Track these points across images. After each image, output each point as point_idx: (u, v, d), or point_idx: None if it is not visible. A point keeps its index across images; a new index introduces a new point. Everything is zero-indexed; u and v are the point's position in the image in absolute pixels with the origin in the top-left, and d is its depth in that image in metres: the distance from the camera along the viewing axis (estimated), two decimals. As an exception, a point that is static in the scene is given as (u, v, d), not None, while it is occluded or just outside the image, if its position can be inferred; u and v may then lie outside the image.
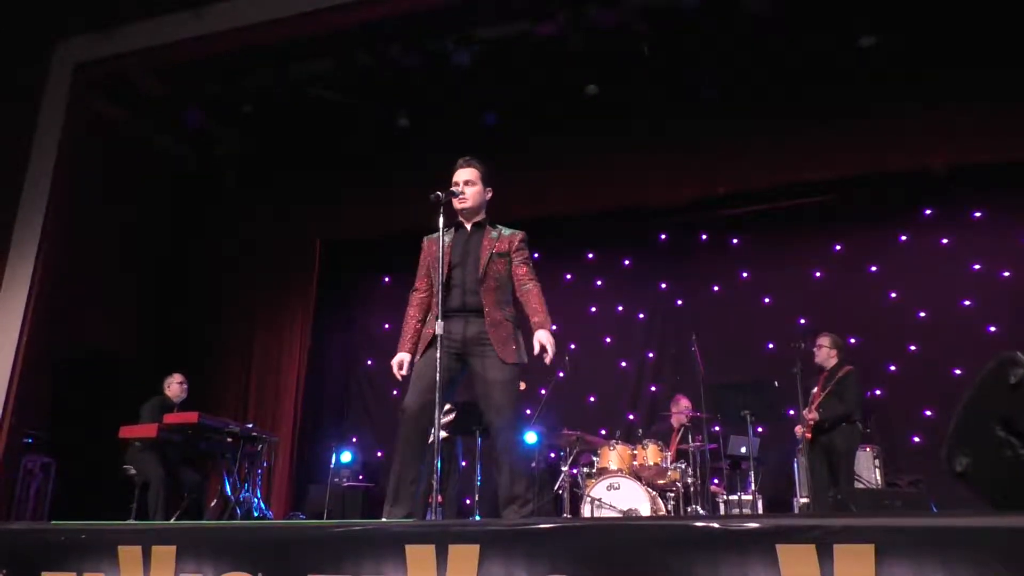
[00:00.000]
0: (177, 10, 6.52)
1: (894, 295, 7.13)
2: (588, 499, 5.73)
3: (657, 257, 8.10)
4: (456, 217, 3.75)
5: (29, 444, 6.64)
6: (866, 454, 6.07)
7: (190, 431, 6.08)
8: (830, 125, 6.87)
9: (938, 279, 6.96)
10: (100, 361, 7.66)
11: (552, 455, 6.73)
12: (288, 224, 8.58)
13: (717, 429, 6.63)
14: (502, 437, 3.50)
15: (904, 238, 7.23)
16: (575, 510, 6.07)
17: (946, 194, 6.98)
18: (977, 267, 6.91)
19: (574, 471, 6.26)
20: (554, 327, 3.52)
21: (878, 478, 6.03)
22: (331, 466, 7.37)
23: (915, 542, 1.81)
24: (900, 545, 1.82)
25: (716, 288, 7.78)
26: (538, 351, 3.49)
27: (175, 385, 6.52)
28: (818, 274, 7.42)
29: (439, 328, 3.39)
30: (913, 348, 6.94)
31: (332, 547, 2.40)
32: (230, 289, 8.63)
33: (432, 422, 3.33)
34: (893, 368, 6.92)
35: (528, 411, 6.36)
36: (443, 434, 4.78)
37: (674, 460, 6.19)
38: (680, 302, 7.84)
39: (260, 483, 6.98)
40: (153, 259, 8.52)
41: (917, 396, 6.67)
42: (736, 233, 7.83)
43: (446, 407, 5.13)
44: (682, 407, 6.75)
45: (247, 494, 6.48)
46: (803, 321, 7.23)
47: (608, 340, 7.99)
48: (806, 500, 6.02)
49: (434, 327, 3.42)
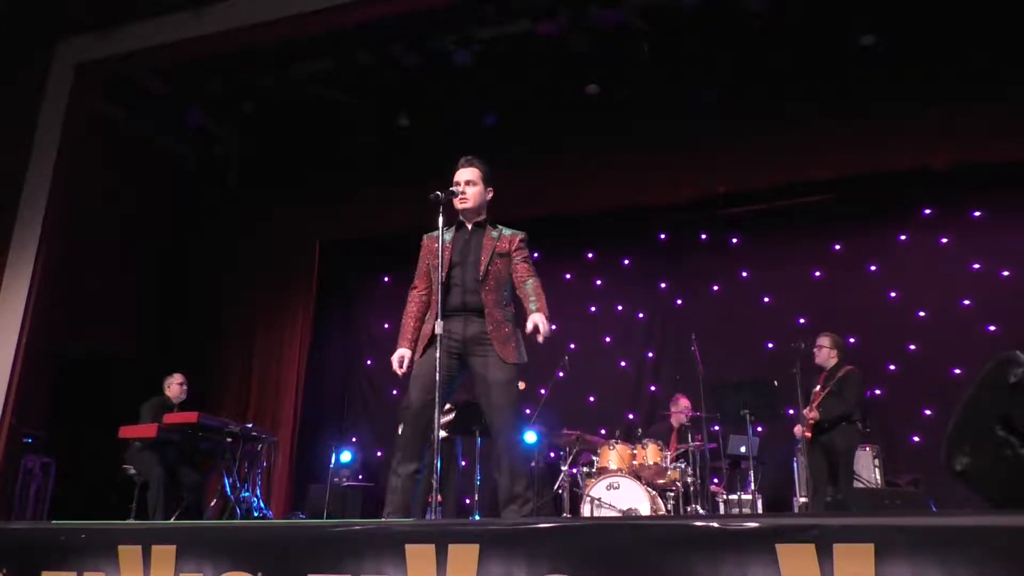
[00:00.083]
0: (177, 10, 6.51)
1: (894, 295, 7.13)
2: (588, 499, 5.73)
3: (657, 257, 8.10)
4: (456, 217, 3.74)
5: (29, 444, 6.63)
6: (866, 454, 6.07)
7: (190, 431, 6.09)
8: (830, 125, 6.87)
9: (938, 279, 6.96)
10: (100, 361, 7.65)
11: (552, 455, 6.73)
12: (288, 224, 8.57)
13: (717, 429, 6.64)
14: (502, 437, 3.50)
15: (904, 238, 7.24)
16: (575, 510, 6.07)
17: (946, 194, 6.99)
18: (977, 267, 6.91)
19: (574, 471, 6.26)
20: (554, 327, 3.50)
21: (878, 477, 6.03)
22: (331, 466, 7.37)
23: (914, 541, 1.81)
24: (900, 544, 1.81)
25: (716, 288, 7.78)
26: (530, 330, 3.45)
27: (175, 386, 6.52)
28: (818, 274, 7.42)
29: (439, 328, 3.38)
30: (913, 348, 6.94)
31: (332, 547, 2.39)
32: (230, 289, 8.63)
33: (432, 421, 3.34)
34: (893, 368, 6.92)
35: (528, 411, 6.36)
36: (443, 434, 4.78)
37: (674, 460, 6.19)
38: (680, 302, 7.84)
39: (260, 483, 6.99)
40: (153, 259, 8.51)
41: (916, 396, 6.67)
42: (736, 233, 7.83)
43: (446, 407, 5.13)
44: (682, 407, 6.75)
45: (247, 494, 6.49)
46: (803, 321, 7.23)
47: (608, 340, 7.99)
48: (806, 500, 6.02)
49: (434, 326, 3.42)
